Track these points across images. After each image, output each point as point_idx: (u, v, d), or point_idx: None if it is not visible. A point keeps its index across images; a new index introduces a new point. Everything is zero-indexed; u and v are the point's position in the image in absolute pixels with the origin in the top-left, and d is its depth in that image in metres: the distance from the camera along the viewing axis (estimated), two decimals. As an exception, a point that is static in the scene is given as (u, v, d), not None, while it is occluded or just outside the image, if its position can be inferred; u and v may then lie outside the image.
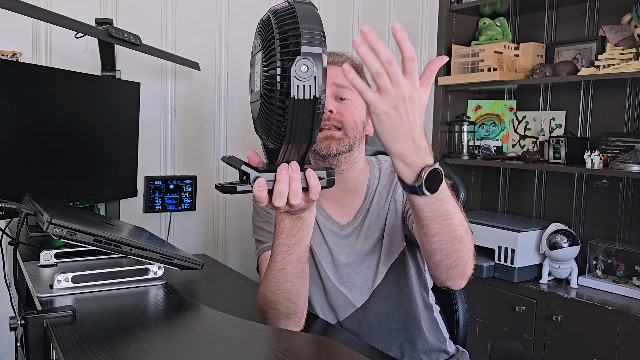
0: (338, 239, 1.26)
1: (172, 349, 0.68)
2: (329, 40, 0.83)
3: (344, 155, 1.19)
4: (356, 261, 1.25)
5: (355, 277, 1.26)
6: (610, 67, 2.10)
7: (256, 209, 1.31)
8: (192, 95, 2.03)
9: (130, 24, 1.83)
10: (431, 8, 2.64)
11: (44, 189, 1.35)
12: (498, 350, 1.30)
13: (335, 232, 1.26)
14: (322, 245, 1.26)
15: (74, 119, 1.49)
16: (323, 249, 1.26)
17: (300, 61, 0.70)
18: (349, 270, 1.25)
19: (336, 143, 1.17)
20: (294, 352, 0.70)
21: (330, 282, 1.25)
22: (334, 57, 1.27)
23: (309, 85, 0.71)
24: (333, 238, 1.26)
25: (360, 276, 1.25)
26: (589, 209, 2.41)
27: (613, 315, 1.95)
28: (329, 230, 1.26)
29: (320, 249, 1.26)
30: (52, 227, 0.86)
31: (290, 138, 0.73)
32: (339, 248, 1.25)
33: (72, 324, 0.76)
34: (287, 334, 0.78)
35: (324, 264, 1.26)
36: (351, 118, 1.20)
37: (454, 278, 1.00)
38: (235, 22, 2.10)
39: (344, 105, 1.21)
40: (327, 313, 1.27)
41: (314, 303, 1.27)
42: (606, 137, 2.30)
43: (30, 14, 1.38)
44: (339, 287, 1.25)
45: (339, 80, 1.22)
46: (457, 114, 2.71)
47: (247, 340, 0.74)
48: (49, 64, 1.74)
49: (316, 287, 1.27)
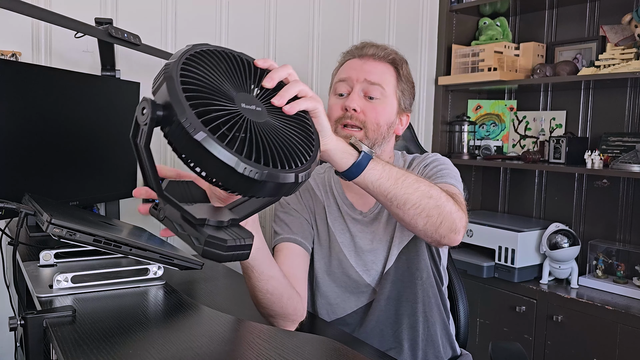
0: (361, 225, 1.27)
1: (172, 349, 0.68)
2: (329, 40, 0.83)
3: None
4: (380, 247, 1.26)
5: (377, 263, 1.26)
6: (611, 67, 2.10)
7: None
8: (192, 95, 2.02)
9: (130, 23, 1.83)
10: (431, 8, 2.64)
11: (44, 189, 1.35)
12: (499, 351, 1.30)
13: (357, 219, 1.27)
14: (345, 233, 1.28)
15: (73, 118, 1.49)
16: (345, 237, 1.27)
17: (141, 103, 0.62)
18: (372, 256, 1.26)
19: None
20: (294, 352, 0.70)
21: (353, 269, 1.26)
22: (375, 49, 1.24)
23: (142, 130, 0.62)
24: (356, 225, 1.27)
25: (381, 261, 1.26)
26: (589, 209, 2.40)
27: (613, 315, 1.95)
28: (351, 218, 1.27)
29: (342, 236, 1.27)
30: (51, 227, 0.86)
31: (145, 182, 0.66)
32: (362, 235, 1.26)
33: (71, 324, 0.76)
34: (287, 334, 0.78)
35: (346, 252, 1.27)
36: (374, 119, 1.19)
37: (446, 235, 1.01)
38: (235, 22, 2.10)
39: (371, 104, 1.19)
40: (345, 300, 1.27)
41: (330, 292, 1.28)
42: (606, 137, 2.30)
43: (30, 14, 1.38)
44: (361, 273, 1.26)
45: (372, 76, 1.20)
46: (458, 114, 2.71)
47: (247, 340, 0.73)
48: (49, 63, 1.74)
49: (335, 275, 1.27)
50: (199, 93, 0.63)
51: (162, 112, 0.61)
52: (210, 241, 0.66)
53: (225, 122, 0.62)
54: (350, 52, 1.27)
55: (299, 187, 0.70)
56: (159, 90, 0.63)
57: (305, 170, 0.68)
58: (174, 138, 0.62)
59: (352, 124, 1.18)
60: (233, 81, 0.69)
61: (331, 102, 1.25)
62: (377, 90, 1.19)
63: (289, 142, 0.69)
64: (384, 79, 1.21)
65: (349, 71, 1.23)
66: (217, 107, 0.63)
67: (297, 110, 0.74)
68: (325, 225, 1.29)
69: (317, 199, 1.31)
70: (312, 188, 1.33)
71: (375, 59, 1.22)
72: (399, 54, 1.25)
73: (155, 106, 0.61)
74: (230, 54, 0.72)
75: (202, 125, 0.60)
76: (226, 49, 0.72)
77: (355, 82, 1.20)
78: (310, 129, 0.75)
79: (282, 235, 1.25)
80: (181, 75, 0.63)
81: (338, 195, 1.30)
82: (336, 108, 1.21)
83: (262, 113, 0.69)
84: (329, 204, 1.30)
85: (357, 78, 1.20)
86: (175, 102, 0.60)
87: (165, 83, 0.62)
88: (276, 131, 0.68)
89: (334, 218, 1.29)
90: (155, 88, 0.64)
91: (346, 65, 1.26)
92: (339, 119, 1.20)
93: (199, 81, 0.64)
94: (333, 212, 1.30)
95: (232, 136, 0.62)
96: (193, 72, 0.65)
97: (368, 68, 1.20)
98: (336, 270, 1.28)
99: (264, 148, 0.64)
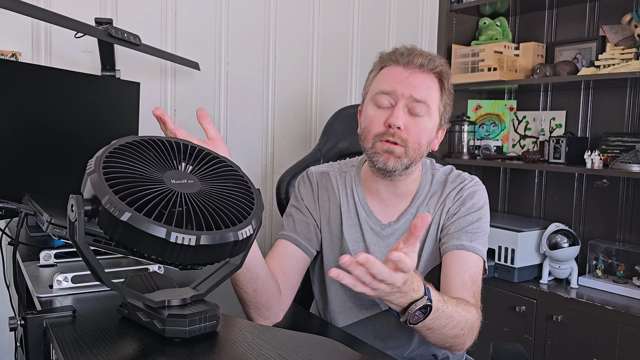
0: (377, 238, 1.21)
1: (172, 349, 0.68)
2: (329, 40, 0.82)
3: (401, 171, 1.14)
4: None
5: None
6: (611, 67, 2.10)
7: (296, 190, 1.29)
8: (192, 95, 2.03)
9: (130, 23, 1.83)
10: (431, 8, 2.64)
11: (44, 189, 1.34)
12: (500, 352, 1.30)
13: (375, 230, 1.21)
14: (359, 242, 1.22)
15: (73, 118, 1.49)
16: (359, 246, 1.21)
17: (69, 201, 0.65)
18: None
19: (394, 160, 1.11)
20: (294, 352, 0.70)
21: None
22: (423, 59, 1.13)
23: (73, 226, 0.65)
24: (372, 236, 1.21)
25: None
26: (589, 209, 2.40)
27: (613, 315, 1.95)
28: (369, 227, 1.21)
29: (356, 245, 1.21)
30: (51, 227, 0.86)
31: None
32: (377, 248, 1.20)
33: (71, 324, 0.76)
34: (287, 334, 0.78)
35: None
36: (417, 138, 1.12)
37: (451, 350, 1.06)
38: (235, 22, 2.10)
39: (414, 122, 1.12)
40: (351, 309, 1.23)
41: (335, 299, 1.24)
42: (606, 137, 2.30)
43: (30, 14, 1.38)
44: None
45: (418, 93, 1.11)
46: (457, 114, 2.71)
47: (247, 340, 0.73)
48: (49, 63, 1.74)
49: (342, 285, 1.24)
50: (122, 180, 0.66)
51: (90, 206, 0.64)
52: (170, 320, 0.69)
53: (158, 202, 0.65)
54: (394, 57, 1.15)
55: (250, 242, 0.72)
56: (85, 186, 0.66)
57: (245, 227, 0.69)
58: (105, 226, 0.65)
59: (394, 141, 1.11)
60: (160, 163, 0.72)
61: (370, 112, 1.15)
62: (422, 108, 1.11)
63: (225, 203, 0.71)
64: (430, 95, 1.12)
65: (393, 83, 1.12)
66: (142, 189, 0.65)
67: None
68: (339, 229, 1.23)
69: (335, 199, 1.25)
70: (332, 187, 1.26)
71: (423, 71, 1.13)
72: (446, 65, 1.16)
73: (82, 201, 0.64)
74: (155, 141, 0.75)
75: (126, 206, 0.63)
76: (153, 137, 0.75)
77: (400, 97, 1.11)
78: (248, 185, 0.77)
79: (285, 232, 1.23)
80: (104, 168, 0.66)
81: (358, 200, 1.23)
82: (377, 122, 1.12)
83: (195, 184, 0.72)
84: (347, 208, 1.24)
85: (402, 93, 1.11)
86: (99, 192, 0.63)
87: (89, 178, 0.65)
88: (211, 196, 0.71)
89: (349, 224, 1.23)
90: (82, 185, 0.68)
91: (389, 74, 1.14)
92: (380, 134, 1.12)
93: (122, 171, 0.67)
94: (350, 216, 1.23)
95: (169, 212, 0.65)
96: (115, 164, 0.68)
97: (414, 83, 1.11)
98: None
99: (195, 215, 0.66)
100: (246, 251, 0.77)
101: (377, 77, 1.17)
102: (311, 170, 1.31)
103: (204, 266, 0.71)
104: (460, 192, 1.19)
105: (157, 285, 0.78)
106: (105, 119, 1.62)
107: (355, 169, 1.28)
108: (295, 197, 1.28)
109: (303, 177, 1.31)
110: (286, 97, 2.25)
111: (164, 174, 0.71)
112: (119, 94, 1.69)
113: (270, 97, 2.21)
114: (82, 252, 0.66)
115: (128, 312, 0.75)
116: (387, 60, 1.16)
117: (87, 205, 0.64)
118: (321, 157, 1.64)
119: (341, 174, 1.28)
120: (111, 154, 0.69)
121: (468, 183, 1.20)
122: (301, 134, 2.32)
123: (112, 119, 1.65)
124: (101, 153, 0.69)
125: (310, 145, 2.32)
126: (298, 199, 1.27)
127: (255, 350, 0.70)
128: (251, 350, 0.70)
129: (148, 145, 0.74)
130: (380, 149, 1.12)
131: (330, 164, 1.33)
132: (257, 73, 2.17)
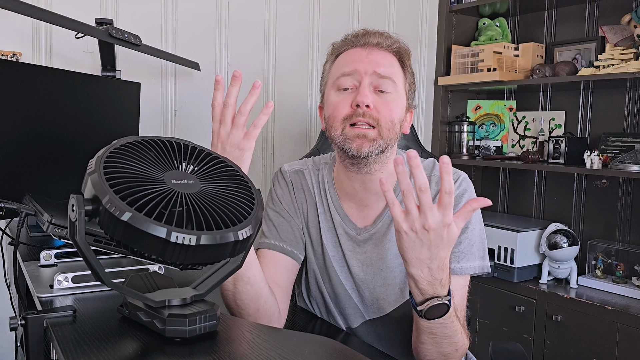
0: (352, 243, 1.12)
1: (172, 349, 0.68)
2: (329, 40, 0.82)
3: (375, 157, 1.04)
4: (370, 275, 1.11)
5: (367, 293, 1.12)
6: (610, 67, 2.10)
7: (272, 191, 1.19)
8: (192, 95, 2.03)
9: (130, 24, 1.83)
10: (431, 8, 2.64)
11: (44, 189, 1.35)
12: (499, 351, 1.29)
13: (350, 234, 1.12)
14: (337, 248, 1.14)
15: (74, 119, 1.49)
16: (337, 252, 1.14)
17: (69, 201, 0.65)
18: (363, 285, 1.12)
19: (369, 144, 1.02)
20: (294, 352, 0.70)
21: (343, 287, 1.13)
22: (379, 37, 1.07)
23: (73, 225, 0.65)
24: (347, 242, 1.13)
25: (373, 294, 1.11)
26: (589, 209, 2.41)
27: (613, 315, 1.96)
28: (343, 231, 1.13)
29: (334, 250, 1.14)
30: (52, 227, 0.86)
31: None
32: (353, 255, 1.12)
33: (72, 324, 0.76)
34: (287, 334, 0.79)
35: (336, 268, 1.13)
36: (389, 116, 1.03)
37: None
38: (235, 23, 2.10)
39: (383, 99, 1.04)
40: (337, 318, 1.16)
41: (321, 307, 1.18)
42: (606, 137, 2.31)
43: (30, 14, 1.38)
44: (351, 293, 1.13)
45: (382, 69, 1.04)
46: (457, 114, 2.71)
47: (247, 340, 0.74)
48: (49, 64, 1.74)
49: (326, 291, 1.16)
50: (122, 180, 0.66)
51: (90, 206, 0.64)
52: (171, 319, 0.69)
53: (158, 202, 0.65)
54: (349, 40, 1.09)
55: (250, 242, 0.72)
56: (86, 186, 0.66)
57: (246, 227, 0.69)
58: (105, 226, 0.65)
59: (365, 121, 1.02)
60: (161, 164, 0.72)
61: (333, 98, 1.07)
62: (389, 84, 1.04)
63: (225, 203, 0.71)
64: (393, 71, 1.06)
65: (353, 63, 1.05)
66: (142, 189, 0.66)
67: None
68: (318, 233, 1.15)
69: (311, 199, 1.17)
70: (308, 187, 1.18)
71: (381, 48, 1.06)
72: (403, 43, 1.09)
73: (83, 201, 0.64)
74: (155, 141, 0.75)
75: (127, 206, 0.63)
76: (153, 137, 0.75)
77: (363, 75, 1.03)
78: (248, 185, 0.77)
79: (268, 241, 1.12)
80: (104, 168, 0.66)
81: (332, 202, 1.14)
82: (343, 105, 1.04)
83: (195, 184, 0.71)
84: (322, 210, 1.15)
85: (365, 70, 1.04)
86: (100, 192, 0.63)
87: (90, 178, 0.66)
88: (211, 196, 0.71)
89: (326, 227, 1.14)
90: (83, 185, 0.68)
91: (347, 57, 1.08)
92: (348, 117, 1.04)
93: (122, 171, 0.67)
94: (326, 219, 1.15)
95: (169, 212, 0.65)
96: (116, 165, 0.68)
97: (376, 59, 1.04)
98: (326, 284, 1.16)
99: (196, 215, 0.67)
100: (246, 251, 0.78)
101: (334, 64, 1.11)
102: (284, 168, 1.21)
103: (204, 266, 0.72)
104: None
105: (157, 285, 0.78)
106: (105, 119, 1.62)
107: (328, 167, 1.18)
108: (272, 199, 1.18)
109: (277, 176, 1.21)
110: (286, 97, 2.25)
111: (165, 174, 0.71)
112: (120, 94, 1.69)
113: (270, 97, 2.21)
114: (82, 252, 0.66)
115: (128, 311, 0.76)
116: (342, 45, 1.10)
117: (88, 205, 0.64)
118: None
119: (314, 172, 1.19)
120: (112, 154, 0.69)
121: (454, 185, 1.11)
122: (301, 134, 2.32)
123: (112, 119, 1.65)
124: (102, 153, 0.69)
125: (310, 145, 2.32)
126: (276, 202, 1.17)
127: (255, 350, 0.70)
128: (251, 350, 0.70)
129: (149, 145, 0.74)
130: (352, 135, 1.03)
131: (304, 160, 1.23)
132: (257, 73, 2.17)
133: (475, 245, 1.12)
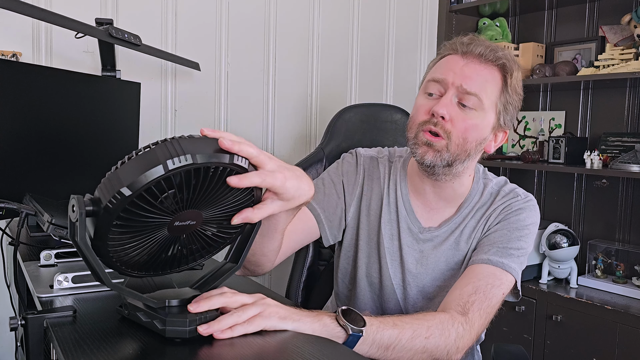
0: (412, 239, 1.13)
1: (172, 349, 0.68)
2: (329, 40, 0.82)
3: (442, 169, 1.04)
4: (422, 271, 1.12)
5: (414, 290, 1.13)
6: (610, 67, 2.10)
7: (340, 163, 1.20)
8: (192, 95, 2.03)
9: (130, 24, 1.83)
10: (431, 8, 2.64)
11: (44, 189, 1.35)
12: (501, 353, 1.29)
13: (412, 230, 1.13)
14: (394, 240, 1.14)
15: (74, 119, 1.49)
16: (393, 245, 1.14)
17: (70, 202, 0.64)
18: (412, 280, 1.13)
19: (433, 154, 1.02)
20: (294, 352, 0.70)
21: (390, 280, 1.14)
22: (483, 49, 1.03)
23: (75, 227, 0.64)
24: (407, 237, 1.13)
25: (421, 290, 1.12)
26: (589, 209, 2.41)
27: (613, 315, 1.96)
28: (406, 226, 1.13)
29: (390, 242, 1.14)
30: (52, 227, 0.86)
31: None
32: (409, 250, 1.13)
33: (72, 324, 0.76)
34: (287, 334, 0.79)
35: (388, 260, 1.14)
36: (462, 133, 1.01)
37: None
38: (236, 22, 2.10)
39: (462, 114, 1.02)
40: (374, 310, 1.16)
41: (360, 300, 1.17)
42: (606, 137, 2.31)
43: (30, 14, 1.38)
44: (396, 288, 1.14)
45: (470, 84, 1.01)
46: (457, 114, 2.71)
47: (247, 339, 0.74)
48: (49, 64, 1.74)
49: (370, 283, 1.16)
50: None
51: (91, 207, 0.64)
52: (170, 320, 0.69)
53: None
54: (454, 45, 1.06)
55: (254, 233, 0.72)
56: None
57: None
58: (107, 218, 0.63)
59: (436, 131, 1.01)
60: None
61: (418, 101, 1.08)
62: (473, 100, 1.01)
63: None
64: (484, 88, 1.02)
65: (446, 71, 1.04)
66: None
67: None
68: (378, 222, 1.15)
69: (378, 188, 1.17)
70: (379, 176, 1.17)
71: (482, 61, 1.03)
72: (512, 59, 1.05)
73: (83, 202, 0.64)
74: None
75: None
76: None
77: (449, 86, 1.02)
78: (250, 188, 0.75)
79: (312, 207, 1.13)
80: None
81: (401, 195, 1.15)
82: (422, 110, 1.05)
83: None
84: (387, 201, 1.15)
85: (452, 81, 1.02)
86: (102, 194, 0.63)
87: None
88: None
89: (387, 219, 1.15)
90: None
91: (445, 62, 1.06)
92: (423, 123, 1.03)
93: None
94: (389, 211, 1.15)
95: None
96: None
97: (469, 72, 1.02)
98: (374, 274, 1.16)
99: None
100: (246, 251, 0.78)
101: (435, 66, 1.09)
102: (360, 152, 1.21)
103: (217, 273, 0.72)
104: (507, 208, 1.11)
105: (157, 285, 0.78)
106: (105, 119, 1.62)
107: (403, 160, 1.19)
108: (337, 169, 1.18)
109: (352, 154, 1.22)
110: (286, 97, 2.25)
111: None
112: (120, 94, 1.69)
113: (270, 97, 2.21)
114: (82, 252, 0.66)
115: (128, 312, 0.76)
116: (447, 48, 1.08)
117: (89, 206, 0.64)
118: (324, 157, 1.64)
119: (388, 163, 1.19)
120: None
121: (519, 200, 1.11)
122: (301, 134, 2.32)
123: (112, 119, 1.65)
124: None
125: (310, 145, 2.32)
126: (338, 174, 1.17)
127: (255, 350, 0.71)
128: (251, 350, 0.70)
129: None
130: (421, 141, 1.03)
131: (379, 149, 1.23)
132: (257, 73, 2.17)
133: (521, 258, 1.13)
